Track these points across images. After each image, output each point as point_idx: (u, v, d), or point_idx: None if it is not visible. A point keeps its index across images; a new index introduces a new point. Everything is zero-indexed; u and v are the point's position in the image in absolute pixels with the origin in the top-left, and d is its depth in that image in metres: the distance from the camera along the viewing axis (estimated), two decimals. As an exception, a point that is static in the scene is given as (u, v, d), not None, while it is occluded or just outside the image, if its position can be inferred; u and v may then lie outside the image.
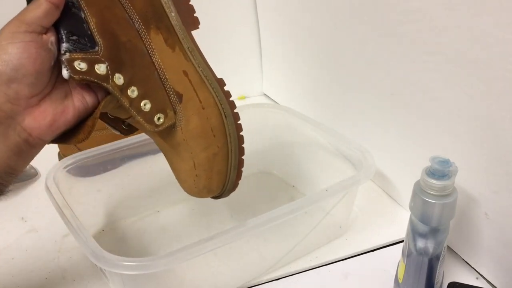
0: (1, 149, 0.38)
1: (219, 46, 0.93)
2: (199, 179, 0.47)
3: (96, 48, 0.40)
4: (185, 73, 0.45)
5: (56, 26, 0.39)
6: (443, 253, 0.48)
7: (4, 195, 0.40)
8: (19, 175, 0.41)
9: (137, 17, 0.43)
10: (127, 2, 0.43)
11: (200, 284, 0.54)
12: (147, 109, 0.43)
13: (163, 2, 0.44)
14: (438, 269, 0.49)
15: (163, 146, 0.47)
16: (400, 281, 0.51)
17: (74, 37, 0.39)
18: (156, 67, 0.44)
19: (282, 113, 0.74)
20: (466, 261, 0.57)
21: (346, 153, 0.63)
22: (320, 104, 0.81)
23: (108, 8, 0.41)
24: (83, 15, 0.40)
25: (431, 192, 0.45)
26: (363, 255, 0.60)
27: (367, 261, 0.59)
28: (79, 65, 0.39)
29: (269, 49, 0.99)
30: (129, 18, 0.43)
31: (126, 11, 0.43)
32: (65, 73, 0.39)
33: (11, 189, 0.41)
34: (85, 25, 0.40)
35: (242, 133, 0.48)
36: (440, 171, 0.45)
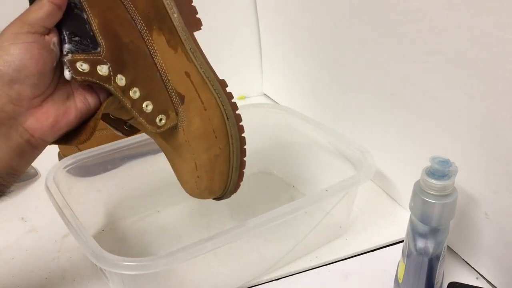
0: (3, 149, 0.38)
1: (219, 46, 0.93)
2: (200, 180, 0.47)
3: (98, 49, 0.40)
4: (187, 74, 0.45)
5: (58, 27, 0.39)
6: (443, 253, 0.48)
7: (5, 196, 0.40)
8: (21, 176, 0.41)
9: (140, 18, 0.43)
10: (130, 3, 0.43)
11: (200, 284, 0.54)
12: (149, 110, 0.43)
13: (166, 3, 0.44)
14: (438, 269, 0.49)
15: (165, 147, 0.47)
16: (400, 281, 0.51)
17: (76, 38, 0.39)
18: (158, 68, 0.44)
19: (282, 113, 0.74)
20: (466, 261, 0.57)
21: (346, 153, 0.63)
22: (320, 104, 0.81)
23: (110, 9, 0.41)
24: (86, 16, 0.40)
25: (431, 192, 0.45)
26: (363, 255, 0.60)
27: (367, 261, 0.59)
28: (81, 66, 0.39)
29: (269, 49, 0.99)
30: (131, 19, 0.43)
31: (128, 12, 0.43)
32: (67, 74, 0.39)
33: (13, 189, 0.41)
34: (87, 26, 0.40)
35: (243, 135, 0.48)
36: (440, 171, 0.45)
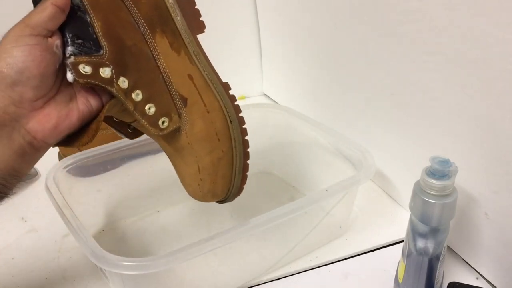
0: (6, 151, 0.38)
1: (219, 46, 0.92)
2: (203, 183, 0.47)
3: (101, 51, 0.40)
4: (190, 77, 0.45)
5: (61, 29, 0.39)
6: (443, 253, 0.48)
7: (8, 197, 0.40)
8: (23, 178, 0.41)
9: (143, 21, 0.43)
10: (133, 6, 0.43)
11: (200, 284, 0.54)
12: (152, 113, 0.43)
13: (169, 6, 0.44)
14: (438, 269, 0.49)
15: (168, 150, 0.47)
16: (400, 281, 0.51)
17: (79, 41, 0.39)
18: (161, 71, 0.44)
19: (282, 113, 0.74)
20: (466, 261, 0.57)
21: (346, 153, 0.63)
22: (320, 104, 0.81)
23: (113, 12, 0.41)
24: (89, 19, 0.40)
25: (431, 192, 0.45)
26: (363, 255, 0.60)
27: (367, 261, 0.59)
28: (84, 68, 0.39)
29: (269, 49, 0.99)
30: (134, 22, 0.43)
31: (131, 15, 0.43)
32: (69, 76, 0.39)
33: (15, 191, 0.41)
34: (90, 29, 0.40)
35: (246, 138, 0.48)
36: (440, 171, 0.45)
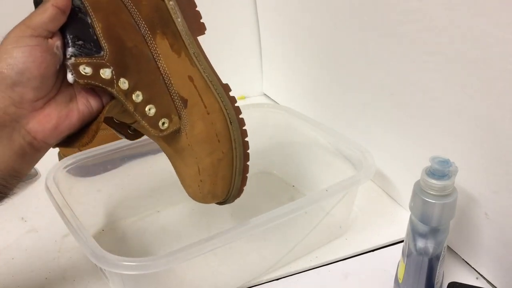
0: (6, 152, 0.38)
1: (219, 46, 0.93)
2: (203, 184, 0.47)
3: (101, 53, 0.40)
4: (191, 78, 0.45)
5: (62, 30, 0.39)
6: (443, 253, 0.48)
7: (8, 198, 0.40)
8: (24, 178, 0.41)
9: (143, 22, 0.43)
10: (134, 7, 0.43)
11: (200, 284, 0.54)
12: (152, 114, 0.43)
13: (170, 8, 0.44)
14: (438, 269, 0.49)
15: (168, 151, 0.47)
16: (400, 281, 0.51)
17: (80, 42, 0.39)
18: (161, 72, 0.44)
19: (282, 113, 0.74)
20: (466, 261, 0.57)
21: (346, 153, 0.63)
22: (320, 104, 0.81)
23: (114, 13, 0.42)
24: (90, 20, 0.40)
25: (431, 192, 0.45)
26: (363, 255, 0.60)
27: (367, 261, 0.59)
28: (84, 69, 0.39)
29: (269, 49, 0.99)
30: (135, 23, 0.43)
31: (132, 17, 0.43)
32: (70, 77, 0.39)
33: (16, 192, 0.41)
34: (91, 30, 0.40)
35: (247, 139, 0.48)
36: (440, 171, 0.45)
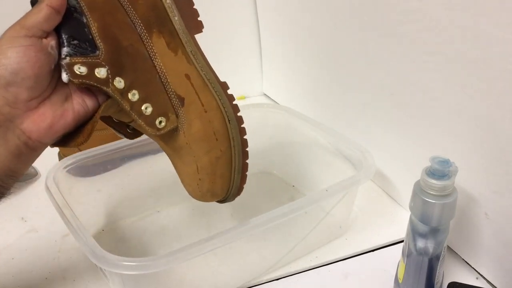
0: (1, 152, 0.38)
1: (219, 46, 0.93)
2: (202, 183, 0.47)
3: (97, 52, 0.40)
4: (187, 77, 0.45)
5: (57, 30, 0.39)
6: (443, 253, 0.48)
7: (5, 197, 0.40)
8: (20, 178, 0.41)
9: (140, 21, 0.43)
10: (130, 7, 0.43)
11: (200, 284, 0.54)
12: (149, 113, 0.43)
13: (167, 6, 0.44)
14: (438, 269, 0.49)
15: (166, 149, 0.47)
16: (400, 281, 0.51)
17: (75, 42, 0.39)
18: (157, 70, 0.44)
19: (282, 113, 0.74)
20: (466, 261, 0.57)
21: (346, 153, 0.63)
22: (320, 104, 0.81)
23: (110, 13, 0.41)
24: (85, 20, 0.40)
25: (431, 192, 0.45)
26: (363, 255, 0.60)
27: (367, 261, 0.59)
28: (79, 69, 0.39)
29: (269, 49, 0.99)
30: (131, 22, 0.43)
31: (128, 16, 0.43)
32: (64, 77, 0.39)
33: (13, 191, 0.41)
34: (86, 30, 0.40)
35: (245, 137, 0.48)
36: (440, 171, 0.45)
